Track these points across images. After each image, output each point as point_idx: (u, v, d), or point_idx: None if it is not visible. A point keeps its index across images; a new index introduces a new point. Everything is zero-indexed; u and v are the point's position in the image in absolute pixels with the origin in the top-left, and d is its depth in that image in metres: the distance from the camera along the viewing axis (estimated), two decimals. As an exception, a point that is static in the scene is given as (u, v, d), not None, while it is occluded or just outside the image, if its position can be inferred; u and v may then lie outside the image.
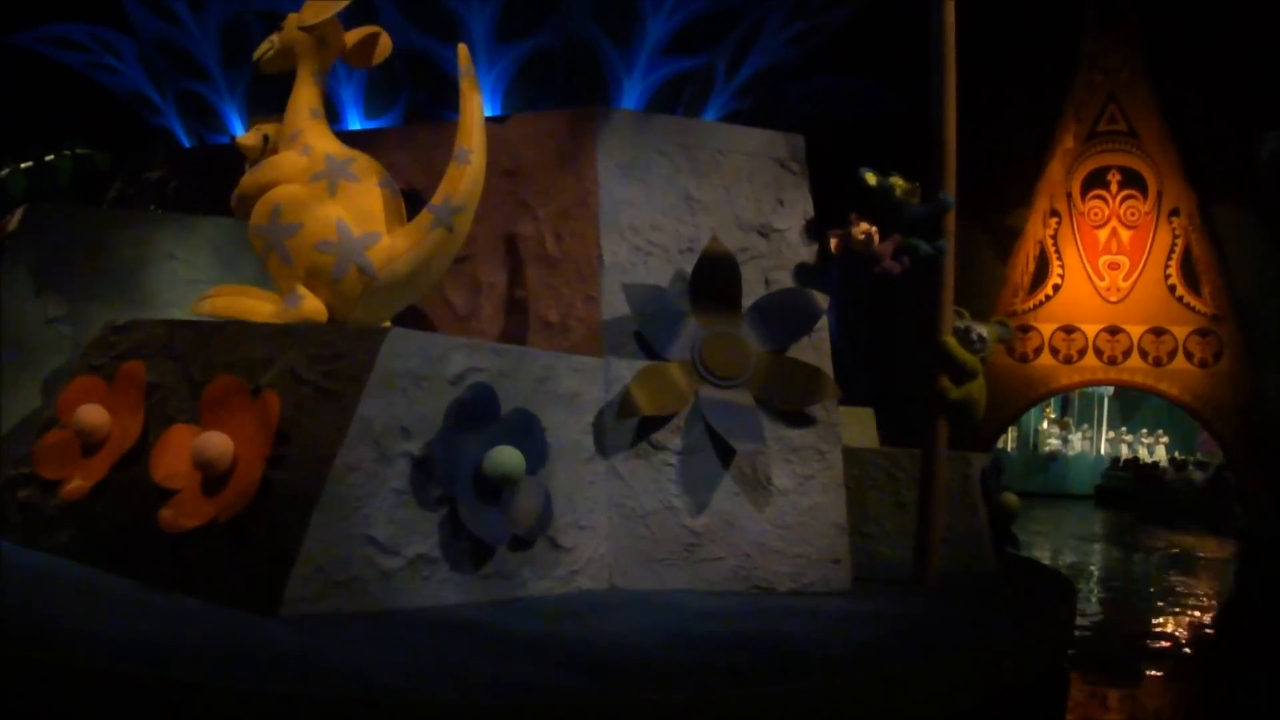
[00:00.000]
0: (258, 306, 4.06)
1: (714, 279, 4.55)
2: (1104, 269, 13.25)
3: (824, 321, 4.74)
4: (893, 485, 5.63)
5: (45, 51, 5.61)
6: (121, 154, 5.84)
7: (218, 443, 3.40)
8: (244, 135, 4.48)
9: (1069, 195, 13.25)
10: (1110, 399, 18.34)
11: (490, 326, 4.68)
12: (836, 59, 6.74)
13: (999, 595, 4.64)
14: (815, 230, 4.92)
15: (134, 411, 3.79)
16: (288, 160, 4.12)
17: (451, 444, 3.56)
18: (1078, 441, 18.73)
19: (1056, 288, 13.21)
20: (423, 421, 3.55)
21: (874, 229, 4.71)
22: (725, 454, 4.33)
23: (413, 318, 4.82)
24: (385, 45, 4.41)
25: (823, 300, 4.71)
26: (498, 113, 5.18)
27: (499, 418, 3.75)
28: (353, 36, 4.37)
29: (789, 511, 4.36)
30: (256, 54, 4.39)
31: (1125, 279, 13.15)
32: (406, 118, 5.35)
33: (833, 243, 4.79)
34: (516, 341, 4.57)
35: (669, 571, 4.16)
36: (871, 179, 4.73)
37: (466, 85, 4.12)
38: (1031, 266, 13.17)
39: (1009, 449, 18.51)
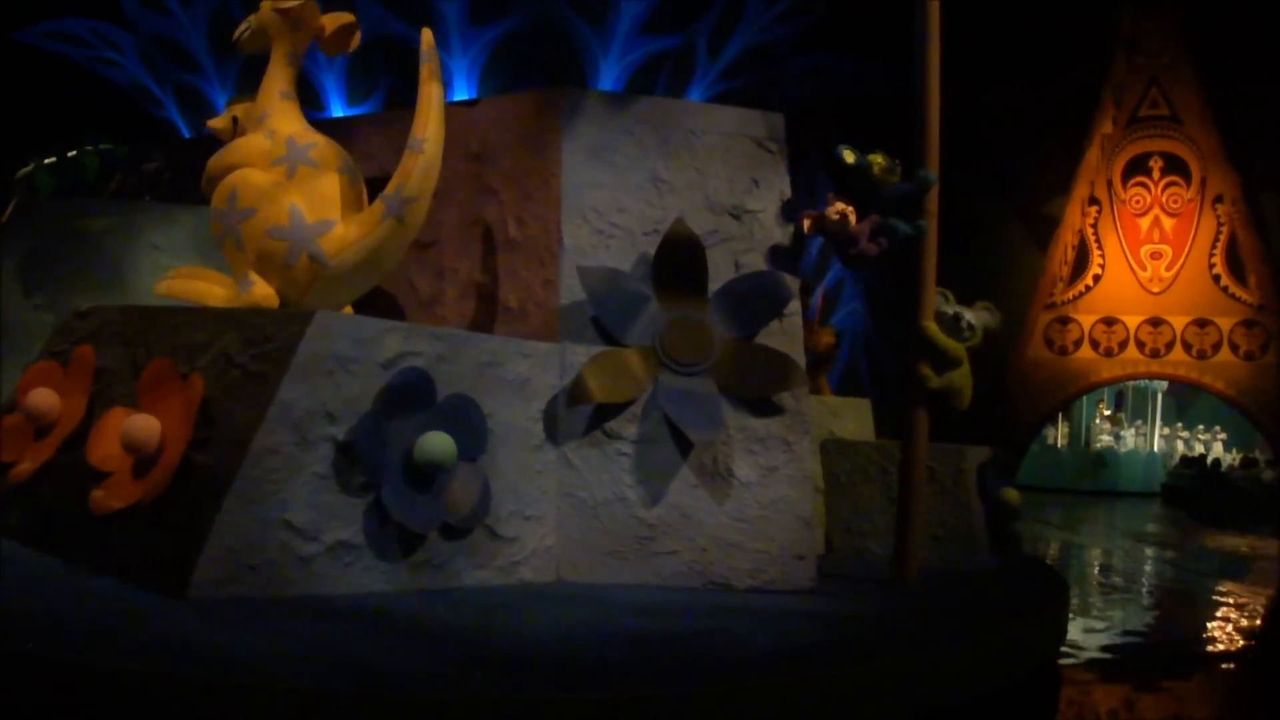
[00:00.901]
0: (211, 290, 3.95)
1: (677, 262, 4.26)
2: (1146, 258, 12.39)
3: (796, 306, 4.40)
4: (885, 479, 5.27)
5: (50, 47, 5.65)
6: (133, 147, 5.84)
7: (144, 425, 3.28)
8: (215, 119, 4.38)
9: (1109, 183, 12.42)
10: (1164, 394, 17.24)
11: (452, 312, 4.48)
12: (834, 37, 6.35)
13: (978, 598, 4.23)
14: (792, 211, 4.58)
15: (82, 395, 3.71)
16: (251, 143, 4.00)
17: (379, 429, 3.37)
18: (1130, 438, 17.66)
19: (1097, 278, 12.41)
20: (350, 406, 3.37)
21: (850, 209, 4.35)
22: (683, 444, 4.04)
23: (378, 303, 4.67)
24: (358, 36, 4.26)
25: (793, 283, 4.37)
26: (474, 97, 4.99)
27: (435, 403, 3.54)
28: (330, 22, 4.21)
29: (750, 505, 4.04)
30: (235, 34, 4.29)
31: (1168, 269, 12.27)
32: (386, 104, 5.20)
33: (806, 224, 4.44)
34: (476, 327, 4.37)
35: (619, 565, 3.89)
36: (849, 156, 4.38)
37: (425, 71, 3.93)
38: (1071, 256, 12.38)
39: (1060, 445, 17.60)
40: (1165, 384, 15.39)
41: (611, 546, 3.91)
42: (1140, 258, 12.26)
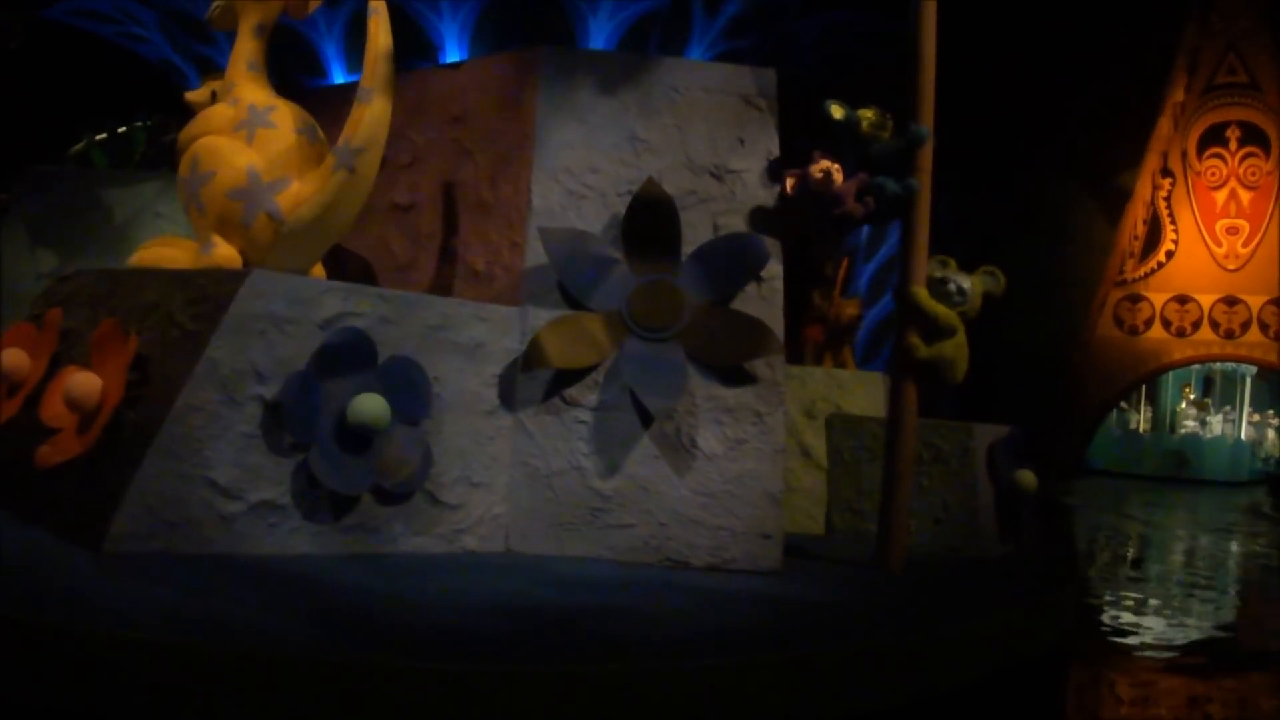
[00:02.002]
0: (177, 255, 3.86)
1: (648, 223, 3.92)
2: (1221, 234, 11.13)
3: (776, 270, 3.98)
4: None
5: (79, 24, 5.70)
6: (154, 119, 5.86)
7: (83, 382, 3.20)
8: (193, 91, 4.30)
9: (1184, 154, 11.20)
10: (1254, 379, 15.65)
11: (426, 276, 4.27)
12: (850, -6, 5.81)
13: (959, 588, 3.75)
14: (777, 171, 4.16)
15: (48, 356, 3.66)
16: (216, 112, 3.92)
17: (309, 389, 3.18)
18: (1217, 424, 16.16)
19: (1170, 254, 11.24)
20: (283, 365, 3.20)
21: (835, 167, 3.91)
22: (645, 413, 3.73)
23: (356, 267, 4.50)
24: None
25: (772, 245, 3.95)
26: (464, 59, 4.74)
27: (374, 364, 3.32)
28: None
29: (715, 479, 3.69)
30: (207, 14, 4.20)
31: (1244, 245, 11.00)
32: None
33: (789, 183, 4.02)
34: (447, 291, 4.14)
35: (571, 537, 3.61)
36: (837, 112, 3.93)
37: (372, 24, 3.72)
38: (1142, 231, 11.24)
39: (1142, 431, 16.29)
40: (1255, 368, 13.96)
41: (563, 518, 3.64)
42: (1216, 233, 11.03)
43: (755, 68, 4.37)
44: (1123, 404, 15.29)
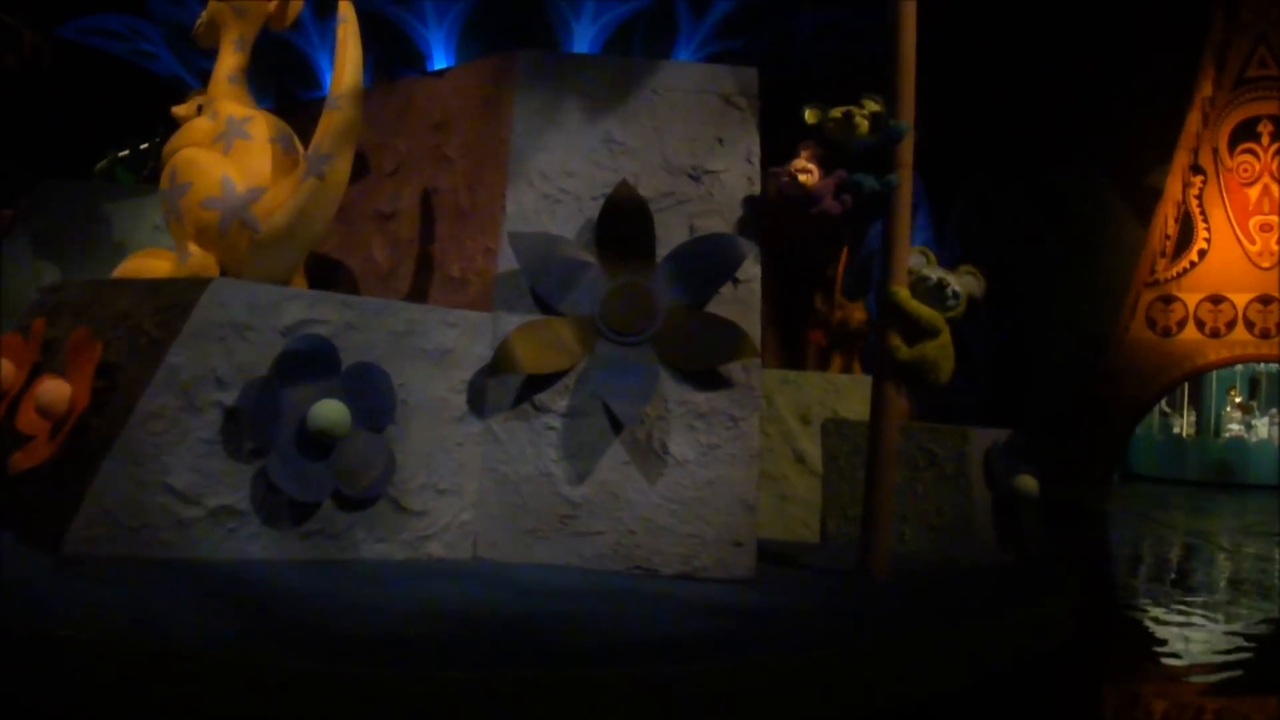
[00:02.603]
0: (158, 266, 3.91)
1: (621, 226, 3.83)
2: (1255, 231, 10.58)
3: (754, 271, 3.84)
4: (883, 463, 4.60)
5: (91, 42, 5.80)
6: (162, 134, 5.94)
7: (52, 389, 3.22)
8: (180, 105, 4.35)
9: (1215, 150, 10.69)
10: (1304, 379, 14.90)
11: (406, 284, 4.24)
12: (850, -9, 5.61)
13: (944, 594, 3.55)
14: (760, 171, 4.03)
15: (30, 365, 3.69)
16: (197, 125, 3.98)
17: (269, 395, 3.15)
18: (1263, 428, 15.41)
19: (1202, 253, 10.73)
20: (244, 372, 3.19)
21: (812, 165, 3.76)
22: (616, 418, 3.60)
23: (340, 276, 4.49)
24: (296, 5, 4.11)
25: (748, 246, 3.82)
26: (449, 67, 4.70)
27: (337, 371, 3.28)
28: (274, 3, 4.10)
29: (686, 485, 3.57)
30: (192, 31, 4.26)
31: (1279, 242, 10.47)
32: (374, 79, 4.99)
33: (771, 185, 3.88)
34: (426, 299, 4.09)
35: (539, 544, 3.53)
36: (811, 117, 3.79)
37: (341, 33, 3.71)
38: (1174, 230, 10.75)
39: (1185, 435, 15.63)
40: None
41: (532, 525, 3.55)
42: (1249, 230, 10.49)
43: (737, 66, 4.26)
44: (1166, 408, 14.71)
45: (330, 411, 3.17)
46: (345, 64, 3.68)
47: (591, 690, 2.26)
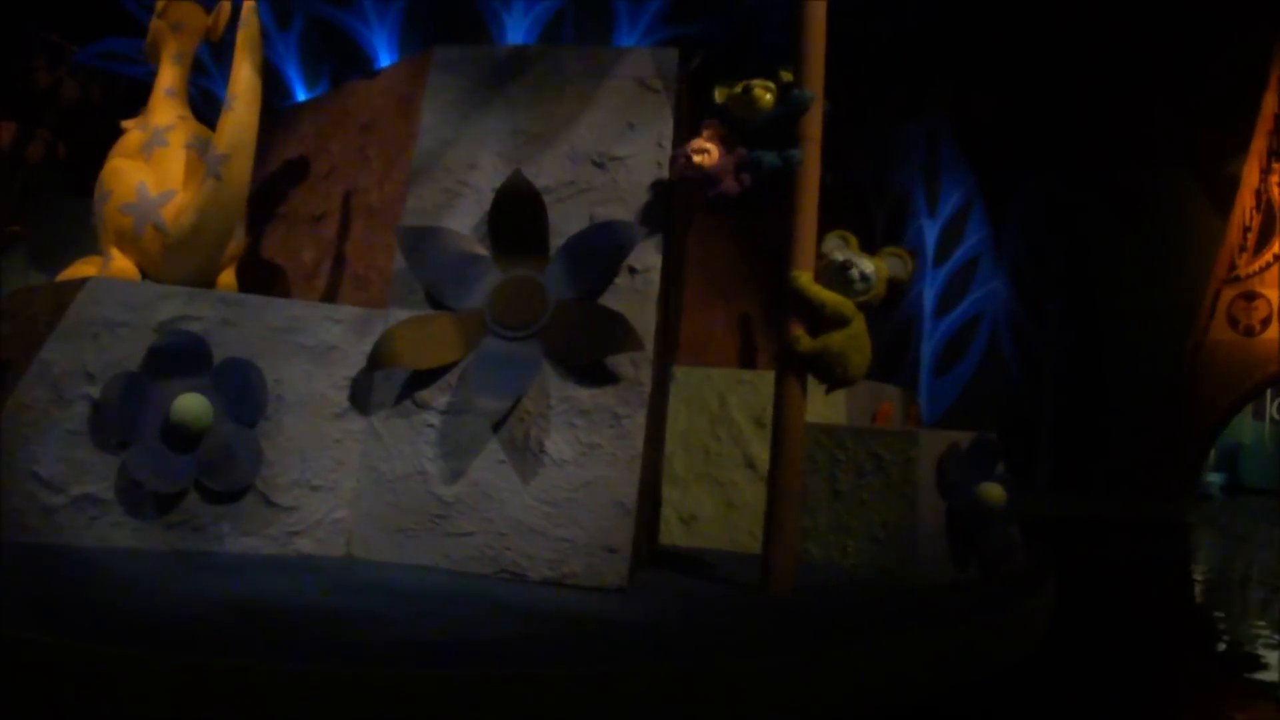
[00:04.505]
0: (86, 270, 4.10)
1: (513, 218, 3.71)
2: (1344, 222, 9.17)
3: (653, 261, 3.63)
4: (832, 468, 4.25)
5: (106, 66, 6.26)
6: None
7: (-42, 384, 3.41)
8: (129, 120, 4.59)
9: (1298, 135, 9.36)
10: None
11: (326, 284, 4.32)
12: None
13: (832, 615, 3.18)
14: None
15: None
16: (130, 137, 4.21)
17: (134, 389, 3.24)
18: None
19: (1286, 246, 9.41)
20: (115, 367, 3.32)
21: (712, 145, 3.52)
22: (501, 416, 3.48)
23: (269, 278, 4.60)
24: (224, 14, 4.25)
25: (641, 233, 3.62)
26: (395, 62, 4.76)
27: (209, 366, 3.34)
28: (210, 18, 4.27)
29: (561, 486, 3.40)
30: (142, 49, 4.50)
31: None
32: (333, 85, 5.12)
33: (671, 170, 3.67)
34: (340, 298, 4.13)
35: (411, 544, 3.45)
36: (719, 96, 3.55)
37: (240, 35, 3.79)
38: (1255, 222, 9.47)
39: (1265, 442, 13.84)
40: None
41: (404, 524, 3.48)
42: (1337, 220, 9.09)
43: (658, 48, 4.06)
44: (1278, 414, 13.06)
45: (189, 405, 3.24)
46: (242, 65, 3.77)
47: (313, 684, 2.17)
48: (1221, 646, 4.45)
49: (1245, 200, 9.52)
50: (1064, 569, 4.51)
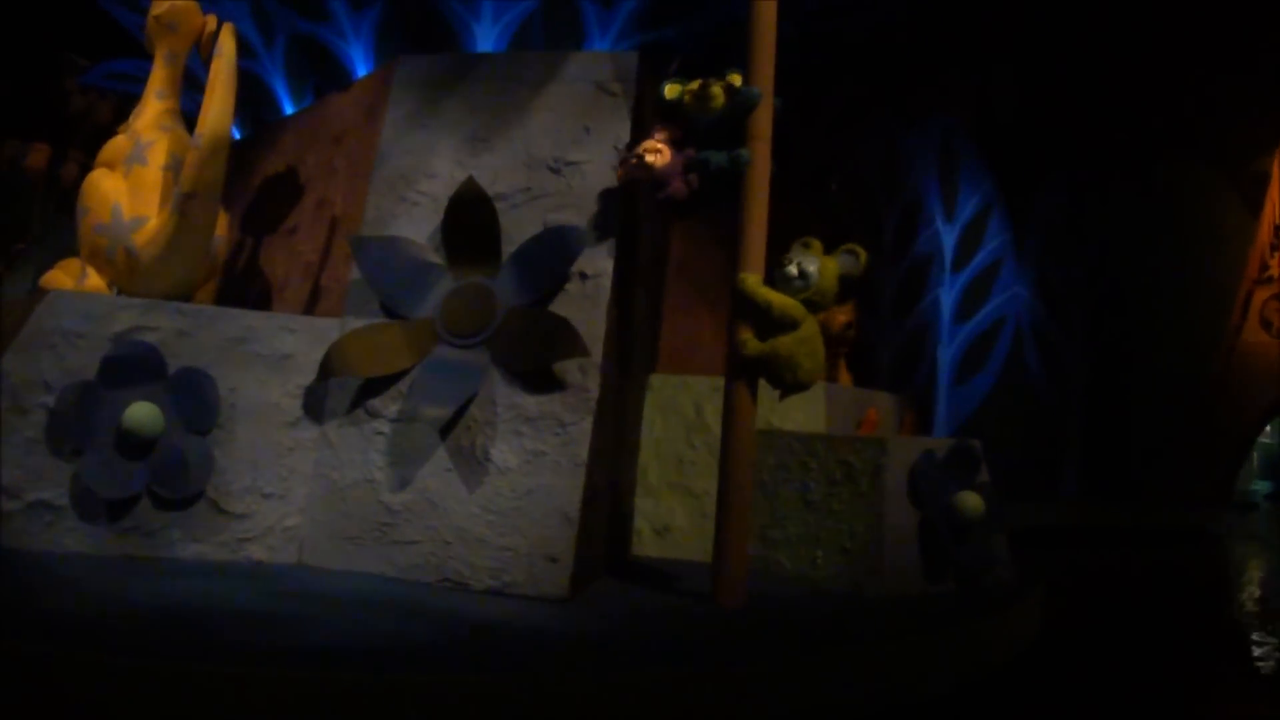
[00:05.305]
0: (61, 279, 4.19)
1: (465, 225, 3.71)
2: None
3: (604, 266, 3.59)
4: (803, 477, 4.13)
5: (115, 87, 6.45)
6: None
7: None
8: (122, 124, 4.67)
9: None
10: None
11: (294, 295, 4.37)
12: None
13: (769, 632, 3.07)
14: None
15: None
16: (115, 143, 4.23)
17: (83, 398, 3.31)
18: None
19: (1321, 246, 8.89)
20: (72, 377, 3.41)
21: (664, 146, 3.46)
22: (445, 423, 3.46)
23: (245, 291, 4.67)
24: (210, 25, 4.26)
25: (591, 238, 3.58)
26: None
27: (163, 375, 3.40)
28: (208, 23, 4.26)
29: (505, 494, 3.37)
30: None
31: None
32: (316, 98, 5.20)
33: (619, 171, 3.62)
34: (307, 308, 4.17)
35: (359, 552, 3.46)
36: (669, 92, 3.49)
37: (214, 65, 3.81)
38: None
39: None
40: None
41: (353, 531, 3.49)
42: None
43: (618, 52, 4.03)
44: None
45: (140, 413, 3.30)
46: (212, 102, 3.78)
47: (213, 685, 2.19)
48: (1224, 666, 4.18)
49: (1276, 197, 9.08)
50: (1075, 580, 4.29)
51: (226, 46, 3.87)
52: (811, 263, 3.37)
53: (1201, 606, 5.85)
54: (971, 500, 3.86)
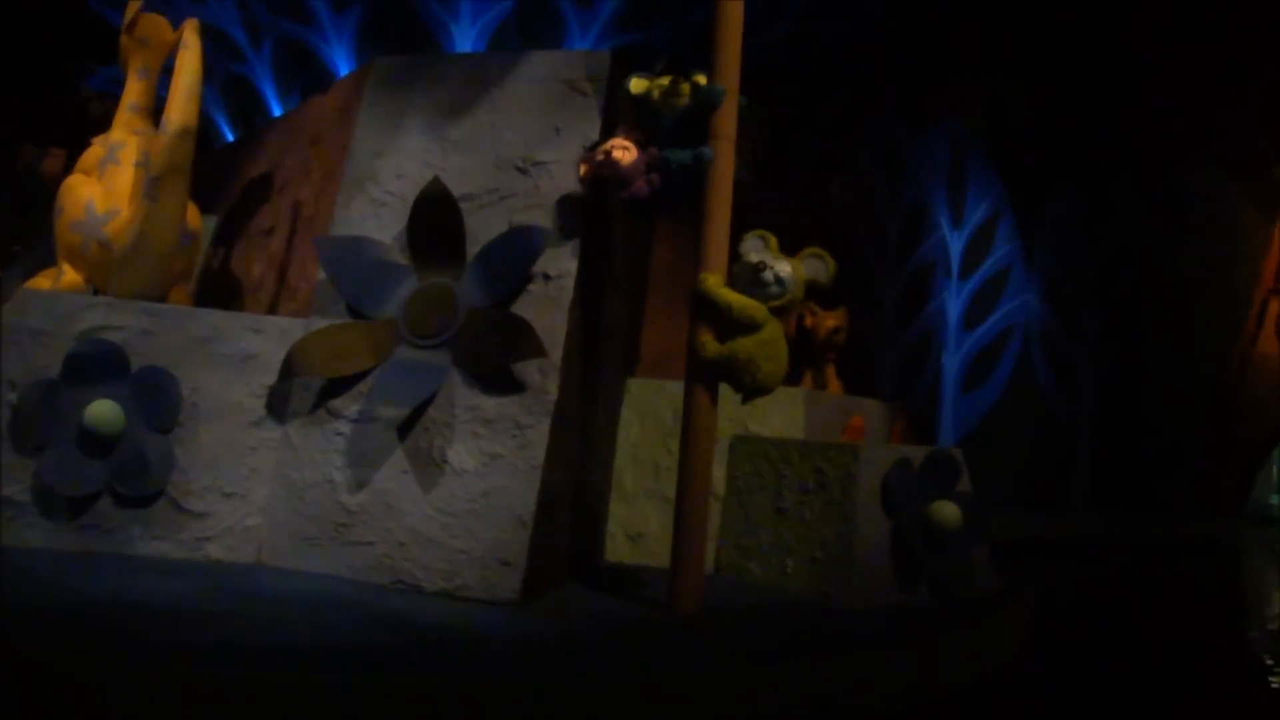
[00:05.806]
0: (42, 283, 4.24)
1: (430, 226, 3.70)
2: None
3: (568, 267, 3.55)
4: (779, 484, 4.06)
5: (117, 92, 6.52)
6: None
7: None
8: (100, 135, 4.75)
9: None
10: None
11: (268, 295, 4.41)
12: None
13: (714, 641, 3.00)
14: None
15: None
16: (90, 152, 4.32)
17: (44, 396, 3.35)
18: None
19: (1340, 252, 8.60)
20: (36, 375, 3.44)
21: (626, 144, 3.42)
22: (403, 424, 3.44)
23: (221, 290, 4.69)
24: (179, 32, 4.33)
25: (552, 238, 3.54)
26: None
27: (125, 374, 3.42)
28: (175, 35, 4.37)
29: (459, 496, 3.34)
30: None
31: None
32: (302, 100, 5.24)
33: (582, 169, 3.58)
34: (275, 309, 4.17)
35: (315, 553, 3.45)
36: (635, 86, 3.45)
37: (180, 55, 3.88)
38: None
39: None
40: None
41: (310, 532, 3.48)
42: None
43: (592, 51, 4.00)
44: None
45: (101, 411, 3.32)
46: (177, 90, 3.85)
47: (139, 682, 2.17)
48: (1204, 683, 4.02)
49: (1293, 203, 8.83)
50: (1073, 592, 4.14)
51: (191, 39, 3.94)
52: (786, 268, 3.30)
53: (1205, 623, 5.66)
54: (948, 510, 3.76)
